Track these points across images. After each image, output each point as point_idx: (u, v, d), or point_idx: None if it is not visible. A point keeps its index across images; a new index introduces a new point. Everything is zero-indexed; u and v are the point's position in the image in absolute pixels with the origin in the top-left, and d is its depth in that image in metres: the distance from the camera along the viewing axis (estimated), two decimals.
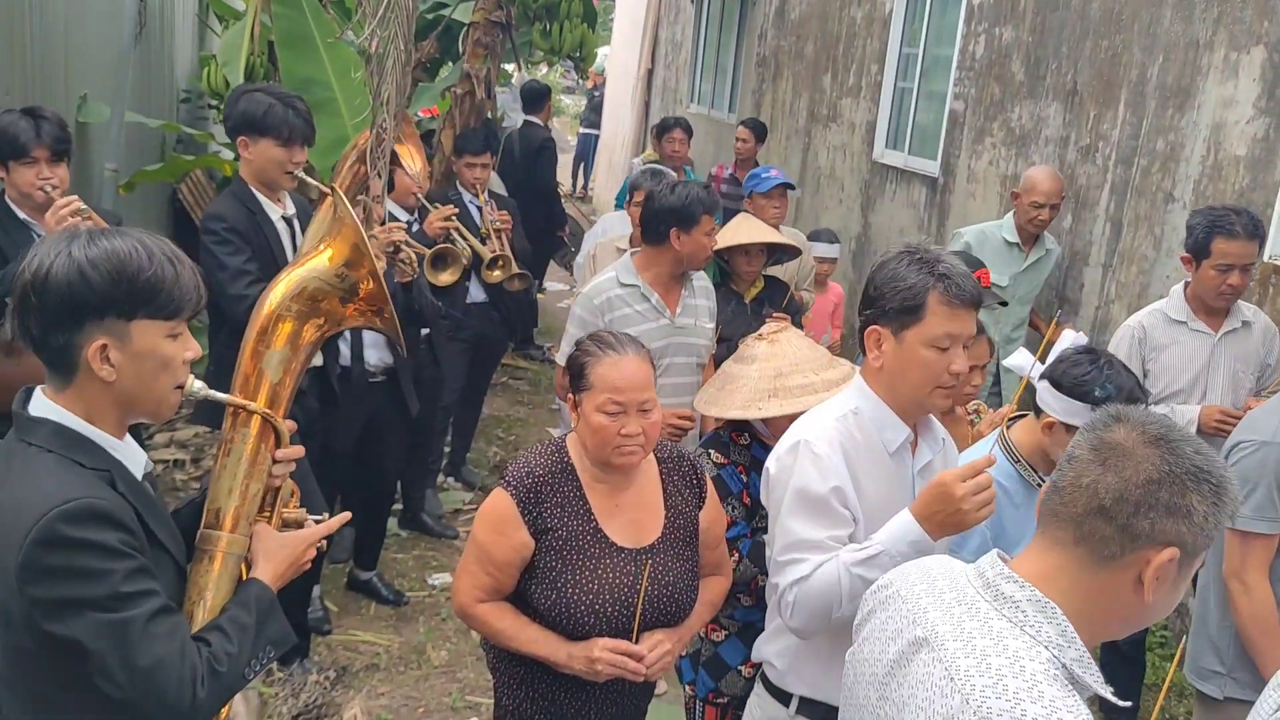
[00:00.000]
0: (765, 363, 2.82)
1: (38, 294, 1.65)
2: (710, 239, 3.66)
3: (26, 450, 1.69)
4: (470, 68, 6.11)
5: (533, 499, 2.34)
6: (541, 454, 2.42)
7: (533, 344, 8.61)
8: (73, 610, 1.61)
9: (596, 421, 2.31)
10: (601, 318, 3.59)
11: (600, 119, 16.07)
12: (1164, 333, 3.71)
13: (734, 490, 2.88)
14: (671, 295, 3.75)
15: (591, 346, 2.39)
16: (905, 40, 7.56)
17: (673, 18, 13.32)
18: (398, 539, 5.29)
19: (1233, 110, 4.43)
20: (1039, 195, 4.76)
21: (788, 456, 2.23)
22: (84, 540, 1.61)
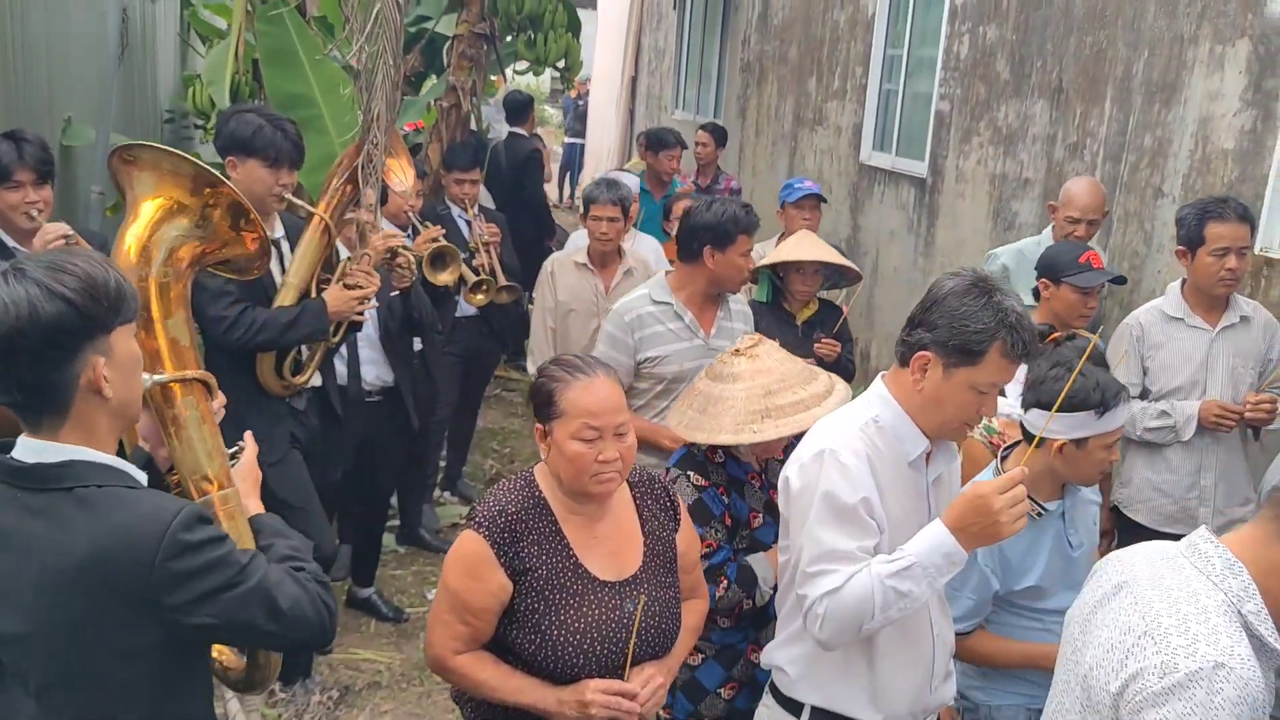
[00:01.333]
0: (751, 380, 2.69)
1: (28, 337, 1.60)
2: (746, 260, 3.54)
3: (73, 497, 1.67)
4: (456, 80, 6.10)
5: (508, 538, 2.21)
6: (511, 490, 2.29)
7: (525, 355, 8.59)
8: (213, 598, 1.71)
9: (572, 450, 2.19)
10: (631, 335, 3.51)
11: (585, 128, 16.07)
12: (1161, 330, 3.70)
13: (716, 513, 2.75)
14: (706, 316, 3.60)
15: (557, 371, 2.26)
16: (889, 42, 7.58)
17: (655, 24, 13.33)
18: (395, 555, 5.26)
19: (1219, 103, 4.44)
20: (1075, 210, 4.28)
21: (813, 465, 2.18)
22: (202, 539, 1.71)
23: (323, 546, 3.72)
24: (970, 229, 6.31)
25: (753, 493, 2.83)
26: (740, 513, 2.78)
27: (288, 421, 3.67)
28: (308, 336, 3.55)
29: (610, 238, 4.60)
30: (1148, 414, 3.67)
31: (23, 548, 1.66)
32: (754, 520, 2.81)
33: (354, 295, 3.60)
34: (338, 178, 3.58)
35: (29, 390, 1.65)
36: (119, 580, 1.65)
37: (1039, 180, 5.67)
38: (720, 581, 2.67)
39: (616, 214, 4.56)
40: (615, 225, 4.58)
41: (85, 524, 1.66)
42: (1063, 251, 3.73)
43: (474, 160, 5.54)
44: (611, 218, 4.56)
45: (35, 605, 1.66)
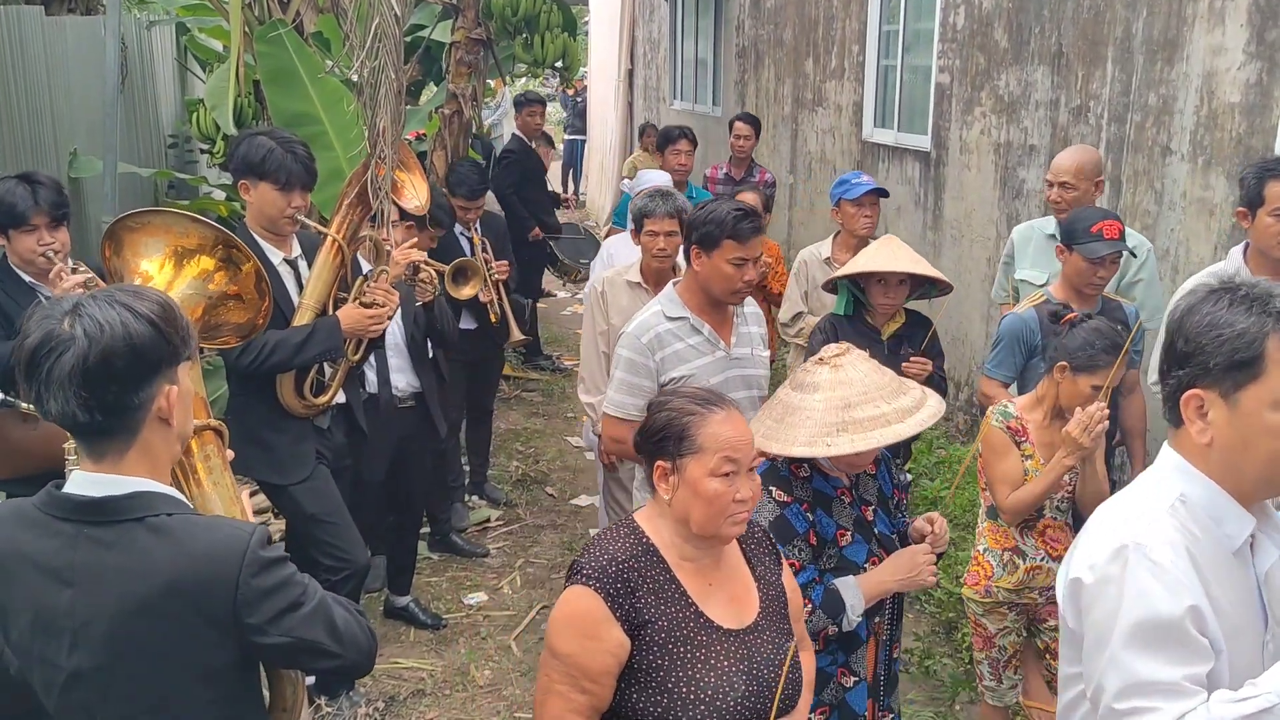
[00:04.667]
0: (830, 391, 2.51)
1: (121, 357, 1.64)
2: (740, 271, 3.22)
3: (145, 526, 1.70)
4: (456, 87, 6.11)
5: (623, 590, 2.00)
6: (615, 538, 2.09)
7: (540, 354, 8.63)
8: (287, 616, 1.76)
9: (711, 489, 2.01)
10: (652, 357, 3.29)
11: (584, 124, 16.08)
12: None
13: (799, 531, 2.56)
14: (723, 325, 3.39)
15: (687, 404, 2.07)
16: (884, 17, 7.56)
17: (648, 16, 13.32)
18: (429, 562, 5.30)
19: (1222, 58, 4.43)
20: (1063, 174, 4.13)
21: (1112, 566, 1.70)
22: (276, 557, 1.77)
23: (356, 558, 3.76)
24: (977, 199, 6.29)
25: (841, 509, 2.62)
26: (826, 531, 2.58)
27: (311, 439, 3.71)
28: (322, 355, 3.57)
29: (669, 254, 4.16)
30: None
31: (95, 582, 1.68)
32: (842, 538, 2.61)
33: (370, 314, 3.63)
34: (348, 197, 3.59)
35: (110, 411, 1.67)
36: (205, 601, 1.70)
37: (1044, 147, 5.65)
38: (804, 605, 2.49)
39: (674, 227, 4.09)
40: (674, 240, 4.12)
41: (165, 550, 1.69)
42: (1082, 218, 3.71)
43: (480, 187, 5.56)
44: (670, 232, 4.11)
45: (115, 635, 1.69)
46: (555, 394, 7.97)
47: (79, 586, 1.69)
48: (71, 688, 1.72)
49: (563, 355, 8.86)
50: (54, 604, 1.69)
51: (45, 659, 1.72)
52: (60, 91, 5.73)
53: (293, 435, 3.66)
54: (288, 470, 3.63)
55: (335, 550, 3.70)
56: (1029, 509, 3.26)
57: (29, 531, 1.72)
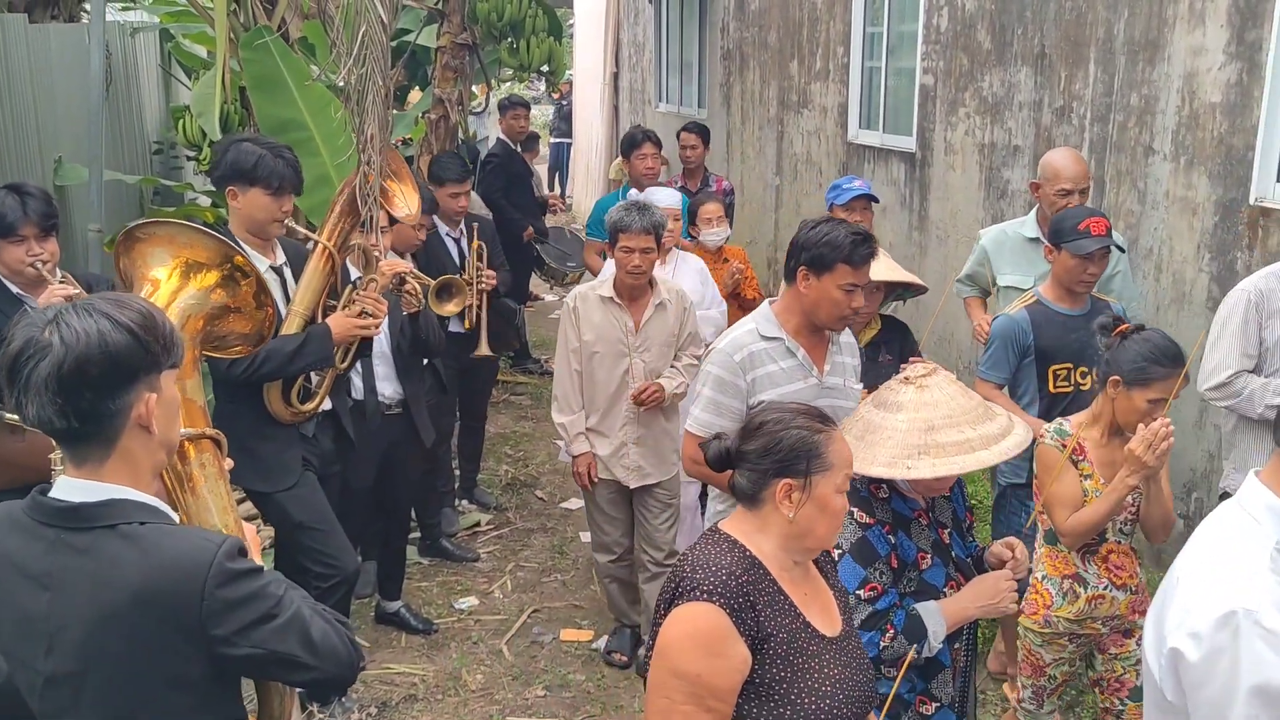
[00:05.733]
0: (914, 413, 2.45)
1: (95, 364, 1.66)
2: (846, 296, 3.02)
3: (117, 534, 1.71)
4: (442, 92, 6.13)
5: (746, 604, 1.97)
6: (723, 553, 2.04)
7: (529, 358, 8.63)
8: (257, 628, 1.75)
9: (838, 505, 2.06)
10: (743, 376, 3.11)
11: (570, 127, 16.10)
12: None
13: (881, 553, 2.49)
14: (817, 351, 3.20)
15: (811, 422, 2.09)
16: (868, 19, 7.60)
17: (633, 19, 13.34)
18: (420, 567, 5.30)
19: (1203, 58, 4.47)
20: (1065, 182, 4.08)
21: (1220, 635, 1.54)
22: (245, 569, 1.75)
23: (345, 565, 3.76)
24: (963, 200, 6.33)
25: (920, 531, 2.57)
26: (907, 553, 2.52)
27: (298, 447, 3.71)
28: (314, 364, 3.57)
29: (644, 270, 4.04)
30: (1269, 390, 3.38)
31: (70, 587, 1.70)
32: (922, 561, 2.55)
33: (360, 322, 3.63)
34: (339, 204, 3.60)
35: (86, 418, 1.69)
36: (171, 611, 1.70)
37: (1028, 147, 5.69)
38: (886, 630, 2.43)
39: (650, 244, 4.00)
40: (649, 257, 4.02)
41: (134, 558, 1.70)
42: (1069, 216, 3.75)
43: (465, 172, 5.56)
44: (645, 248, 3.99)
45: (87, 642, 1.70)
46: (544, 397, 7.96)
47: (55, 591, 1.71)
48: (49, 692, 1.74)
49: (551, 359, 8.84)
50: (34, 608, 1.71)
51: (26, 662, 1.74)
52: (44, 99, 5.72)
53: (279, 443, 3.66)
54: (274, 477, 3.62)
55: (324, 557, 3.70)
56: (1091, 532, 3.09)
57: (15, 535, 1.75)
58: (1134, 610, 3.17)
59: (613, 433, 4.18)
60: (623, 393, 4.15)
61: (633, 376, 4.14)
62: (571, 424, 4.21)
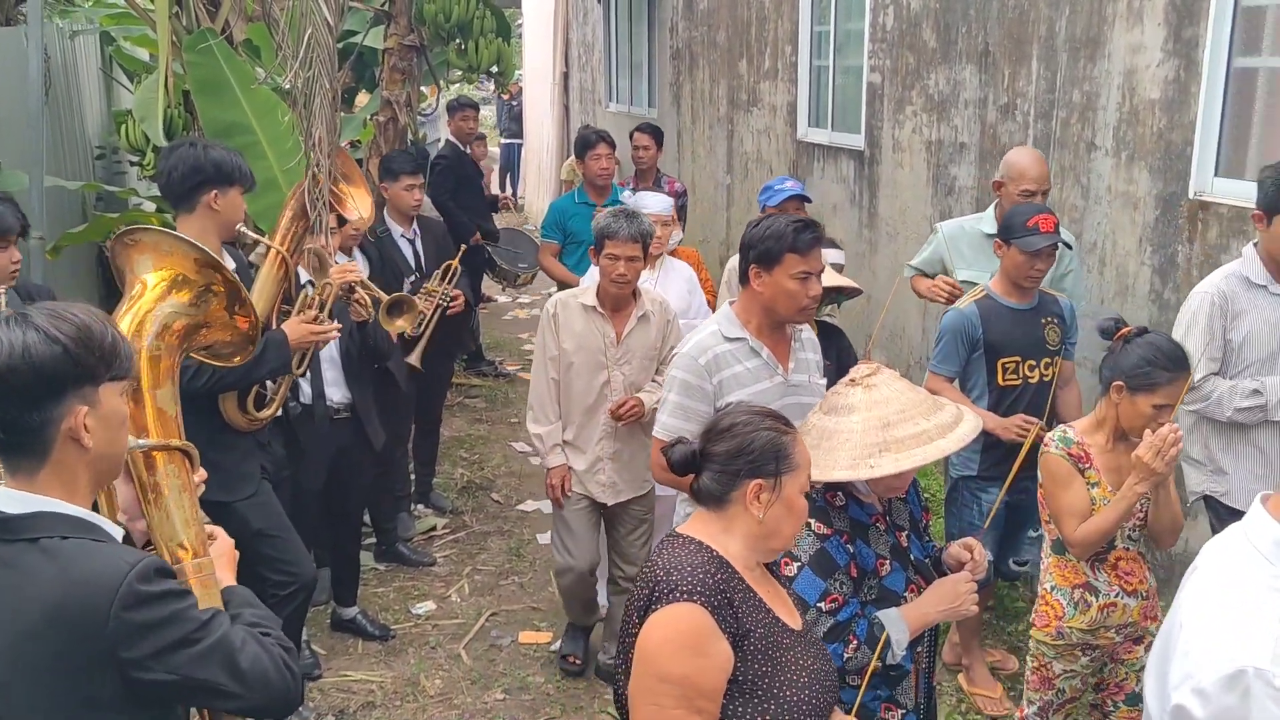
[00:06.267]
0: (867, 412, 2.44)
1: (18, 374, 1.64)
2: (800, 285, 3.02)
3: (38, 547, 1.69)
4: (390, 94, 6.08)
5: (725, 602, 1.99)
6: (695, 555, 2.04)
7: (483, 360, 8.61)
8: (174, 652, 1.72)
9: (803, 505, 2.11)
10: (710, 379, 3.10)
11: (521, 128, 16.06)
12: (1245, 299, 3.39)
13: (841, 563, 2.47)
14: (781, 348, 3.21)
15: (776, 423, 2.12)
16: (816, 18, 7.66)
17: (581, 19, 13.34)
18: (376, 573, 5.26)
19: (1142, 55, 4.55)
20: (1029, 183, 4.15)
21: (1229, 696, 1.46)
22: (161, 592, 1.72)
23: (303, 571, 3.73)
24: (912, 197, 6.40)
25: (878, 537, 2.56)
26: (866, 561, 2.51)
27: (257, 455, 3.67)
28: (273, 371, 3.55)
29: (629, 280, 3.91)
30: (1236, 393, 3.37)
31: None
32: (882, 568, 2.54)
33: (315, 327, 3.62)
34: (290, 209, 3.57)
35: (11, 429, 1.68)
36: (79, 630, 1.67)
37: (974, 144, 5.76)
38: (849, 641, 2.41)
39: (637, 252, 3.87)
40: (635, 266, 3.90)
41: (51, 574, 1.68)
42: (1018, 213, 3.81)
43: (417, 164, 5.52)
44: (631, 257, 3.86)
45: (10, 653, 1.68)
46: (499, 399, 7.95)
47: None
48: None
49: (505, 360, 8.84)
50: None
51: None
52: None
53: (240, 452, 3.63)
54: (235, 487, 3.59)
55: (281, 564, 3.66)
56: (1101, 542, 3.04)
57: None
58: (1146, 616, 3.15)
59: (588, 447, 4.04)
60: (601, 406, 4.00)
61: (611, 389, 3.99)
62: (548, 435, 4.05)
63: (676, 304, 4.59)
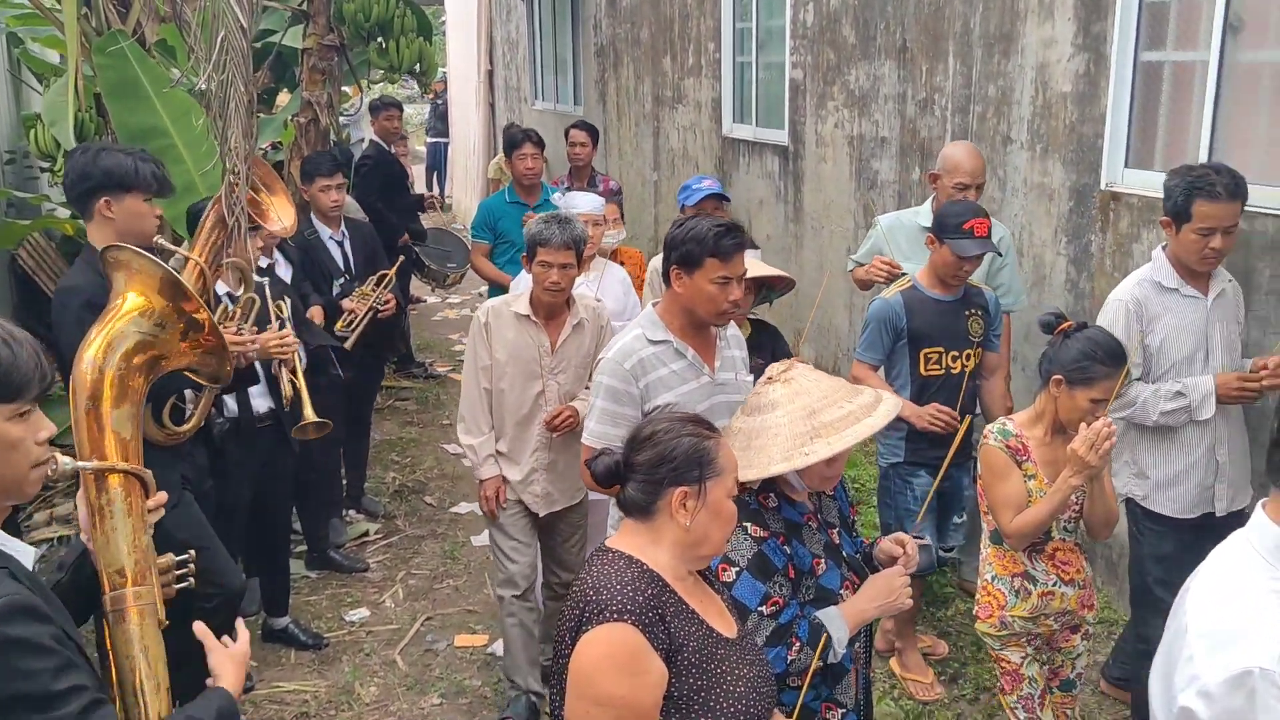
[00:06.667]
0: (790, 405, 2.45)
1: None
2: (720, 290, 3.02)
3: None
4: (310, 95, 5.99)
5: (656, 618, 1.95)
6: (623, 570, 2.01)
7: (413, 362, 8.53)
8: (7, 710, 1.60)
9: (730, 509, 2.07)
10: (636, 383, 3.08)
11: (447, 126, 15.93)
12: (1158, 302, 3.44)
13: (779, 565, 2.45)
14: (706, 348, 3.19)
15: (699, 429, 2.09)
16: (738, 15, 7.71)
17: (505, 16, 13.26)
18: (308, 581, 5.19)
19: (1053, 50, 4.66)
20: (964, 176, 4.20)
21: (1235, 697, 1.48)
22: (14, 638, 1.59)
23: (230, 583, 3.67)
24: (835, 191, 6.48)
25: (811, 536, 2.55)
26: (803, 561, 2.50)
27: (177, 464, 3.60)
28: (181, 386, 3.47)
29: (563, 287, 3.79)
30: (1160, 397, 3.41)
31: None
32: (818, 567, 2.53)
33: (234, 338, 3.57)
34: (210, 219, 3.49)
35: None
36: None
37: (895, 139, 5.86)
38: (792, 643, 2.41)
39: (570, 259, 3.75)
40: (569, 273, 3.78)
41: None
42: (954, 213, 3.83)
43: (335, 164, 5.46)
44: (564, 264, 3.74)
45: None
46: (429, 401, 7.89)
47: None
48: None
49: (435, 362, 8.76)
50: None
51: None
52: None
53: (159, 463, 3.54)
54: None
55: (206, 576, 3.58)
56: (1036, 533, 3.09)
57: None
58: (1083, 605, 3.21)
59: (522, 458, 3.93)
60: (535, 416, 3.90)
61: (546, 399, 3.89)
62: (481, 445, 3.92)
63: (613, 306, 4.57)
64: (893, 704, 4.15)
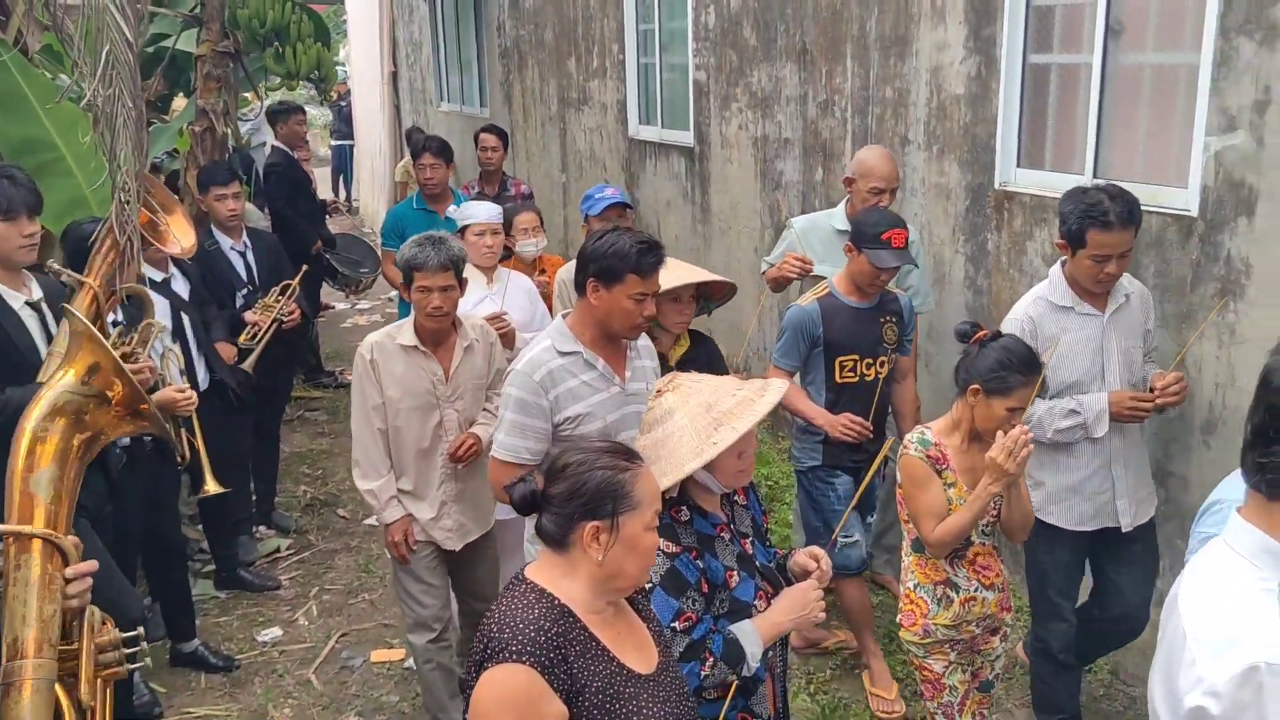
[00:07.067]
0: (686, 406, 2.48)
1: None
2: (637, 305, 3.02)
3: None
4: (205, 103, 5.85)
5: (557, 658, 1.91)
6: (529, 605, 1.97)
7: (323, 371, 8.39)
8: None
9: (649, 543, 2.02)
10: (545, 395, 3.04)
11: (351, 129, 15.69)
12: (1054, 321, 3.46)
13: (692, 580, 2.45)
14: (617, 359, 3.17)
15: (615, 460, 2.03)
16: (640, 17, 7.74)
17: (407, 16, 13.11)
18: (217, 601, 5.09)
19: (946, 53, 4.77)
20: (878, 180, 4.22)
21: (1243, 692, 1.50)
22: None
23: (129, 610, 3.58)
24: (741, 192, 6.55)
25: (724, 547, 2.56)
26: (716, 575, 2.50)
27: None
28: None
29: (446, 311, 3.62)
30: (1055, 414, 3.45)
31: None
32: (731, 580, 2.53)
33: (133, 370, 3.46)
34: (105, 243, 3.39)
35: None
36: None
37: (798, 139, 5.94)
38: (705, 659, 2.42)
39: (450, 280, 3.59)
40: (451, 295, 3.61)
41: None
42: (872, 222, 3.82)
43: (230, 174, 5.35)
44: (445, 286, 3.57)
45: None
46: (340, 412, 7.76)
47: None
48: None
49: (345, 370, 8.62)
50: None
51: None
52: None
53: None
54: None
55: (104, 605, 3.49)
56: (958, 540, 3.12)
57: None
58: (1001, 608, 3.25)
59: (429, 493, 3.75)
60: (437, 448, 3.73)
61: (445, 430, 3.73)
62: (381, 489, 3.70)
63: (520, 317, 4.51)
64: (809, 699, 4.22)
